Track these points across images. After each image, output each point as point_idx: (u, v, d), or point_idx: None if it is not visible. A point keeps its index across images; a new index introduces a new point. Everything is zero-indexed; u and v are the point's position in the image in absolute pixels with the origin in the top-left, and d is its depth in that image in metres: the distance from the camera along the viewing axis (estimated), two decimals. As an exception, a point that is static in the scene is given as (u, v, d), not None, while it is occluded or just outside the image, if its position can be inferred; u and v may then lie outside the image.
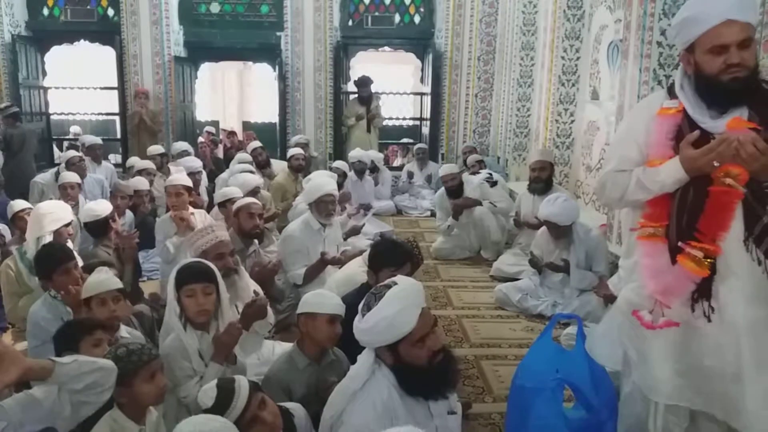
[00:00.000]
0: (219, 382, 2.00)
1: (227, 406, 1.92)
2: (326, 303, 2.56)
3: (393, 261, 2.86)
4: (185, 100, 9.06)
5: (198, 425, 1.72)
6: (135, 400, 2.00)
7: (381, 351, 1.87)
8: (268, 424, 1.99)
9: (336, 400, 1.92)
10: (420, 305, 1.86)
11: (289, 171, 6.45)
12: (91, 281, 2.72)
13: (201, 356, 2.46)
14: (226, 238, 3.16)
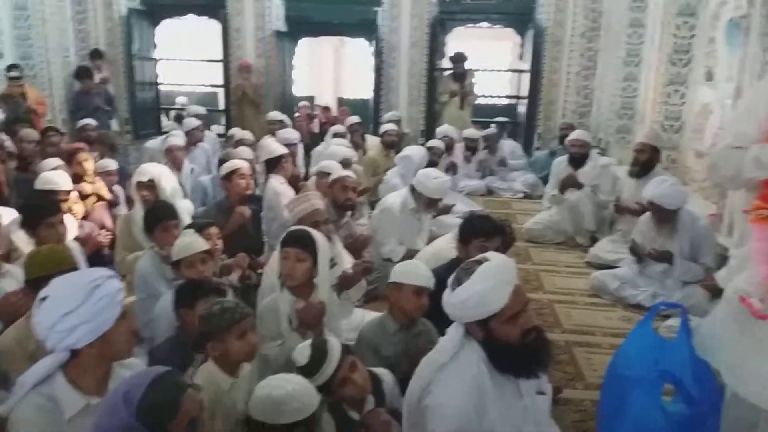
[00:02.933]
0: (313, 341, 2.06)
1: (319, 366, 1.97)
2: (414, 274, 2.58)
3: (484, 231, 2.83)
4: (284, 75, 9.29)
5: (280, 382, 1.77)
6: (227, 355, 2.09)
7: (471, 326, 1.84)
8: (358, 386, 2.03)
9: (424, 371, 1.91)
10: (512, 282, 1.81)
11: (382, 146, 6.49)
12: (178, 244, 2.87)
13: (290, 321, 2.54)
14: (320, 207, 3.25)
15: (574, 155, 5.61)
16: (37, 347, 2.32)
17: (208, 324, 2.08)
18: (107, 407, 1.25)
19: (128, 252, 3.78)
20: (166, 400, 1.27)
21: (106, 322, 1.67)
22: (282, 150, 4.73)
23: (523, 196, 7.40)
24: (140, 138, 8.51)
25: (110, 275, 1.74)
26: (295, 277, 2.57)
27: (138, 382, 1.28)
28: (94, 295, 1.66)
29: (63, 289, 1.70)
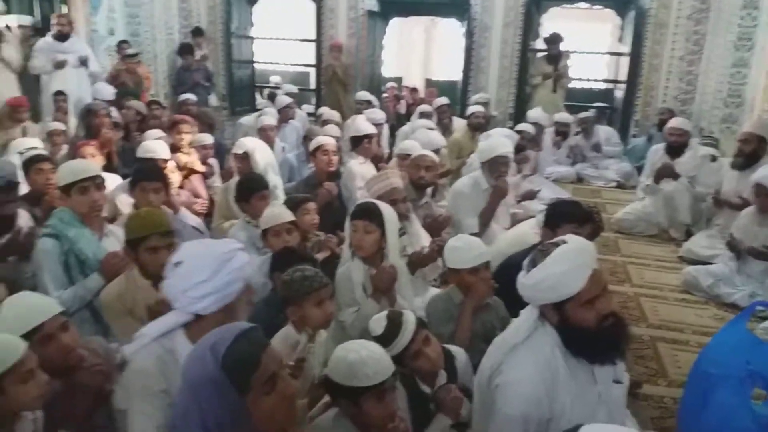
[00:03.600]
0: (389, 313, 2.09)
1: (394, 336, 2.01)
2: (463, 257, 2.57)
3: (575, 218, 2.74)
4: (374, 55, 9.35)
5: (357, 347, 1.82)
6: (305, 321, 2.18)
7: (545, 309, 1.80)
8: (431, 360, 2.06)
9: (495, 351, 1.90)
10: (590, 266, 1.74)
11: (468, 129, 6.41)
12: (266, 214, 2.99)
13: (364, 289, 2.61)
14: (399, 185, 3.28)
15: (672, 144, 5.32)
16: (134, 304, 2.51)
17: (289, 289, 2.18)
18: (195, 358, 1.34)
19: (225, 220, 3.98)
20: (248, 354, 1.34)
21: (232, 293, 1.78)
22: (368, 129, 4.78)
23: (615, 186, 7.10)
24: (235, 114, 8.86)
25: (240, 247, 1.83)
26: (364, 248, 2.65)
27: (224, 336, 1.36)
28: (225, 268, 1.76)
29: (196, 258, 1.79)
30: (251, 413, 1.33)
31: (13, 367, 1.64)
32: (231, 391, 1.30)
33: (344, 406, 1.81)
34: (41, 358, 1.82)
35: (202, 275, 1.75)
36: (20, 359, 1.66)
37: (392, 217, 2.75)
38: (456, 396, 2.08)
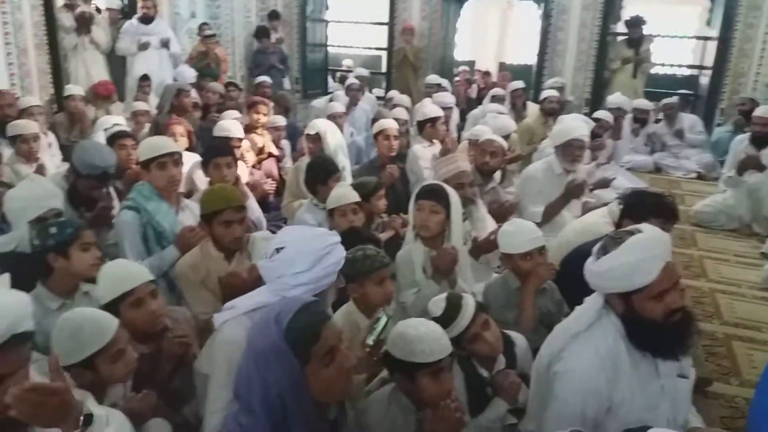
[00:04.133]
0: (448, 295, 2.11)
1: (453, 318, 2.03)
2: (515, 243, 2.55)
3: (660, 212, 2.60)
4: (446, 38, 9.25)
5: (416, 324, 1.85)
6: (365, 298, 2.23)
7: (612, 298, 1.76)
8: (489, 344, 2.06)
9: (556, 338, 1.87)
10: (664, 258, 1.68)
11: (540, 114, 6.26)
12: (333, 195, 3.05)
13: (425, 271, 2.63)
14: (467, 169, 3.27)
15: (758, 134, 5.00)
16: (206, 275, 2.63)
17: (351, 267, 2.22)
18: (260, 327, 1.41)
19: (294, 199, 4.09)
20: (309, 327, 1.39)
21: (324, 285, 1.86)
22: (434, 113, 4.76)
23: (695, 177, 6.77)
24: (308, 97, 9.01)
25: (338, 241, 1.90)
26: (429, 228, 2.66)
27: (288, 307, 1.42)
28: (322, 262, 1.82)
29: (300, 247, 1.84)
30: (310, 383, 1.37)
31: (106, 347, 1.74)
32: (292, 360, 1.36)
33: (400, 381, 1.85)
34: (131, 322, 1.98)
35: (301, 266, 1.80)
36: (112, 339, 1.76)
37: (457, 200, 2.76)
38: (514, 381, 2.08)
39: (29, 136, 4.05)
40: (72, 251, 2.29)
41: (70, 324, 1.76)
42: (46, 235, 2.28)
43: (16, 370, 1.27)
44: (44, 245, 2.27)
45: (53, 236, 2.27)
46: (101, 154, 2.97)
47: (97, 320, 1.79)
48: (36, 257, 2.30)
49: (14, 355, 1.27)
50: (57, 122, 5.36)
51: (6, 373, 1.25)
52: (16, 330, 1.27)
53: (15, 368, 1.27)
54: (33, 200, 2.64)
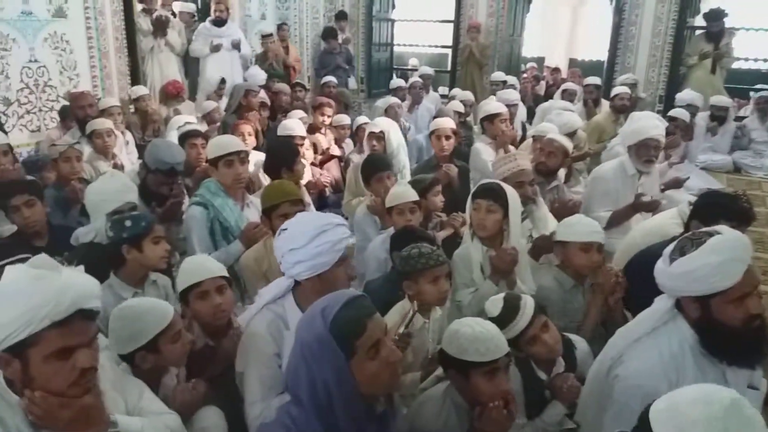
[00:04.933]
0: (507, 296, 2.08)
1: (511, 320, 2.00)
2: (578, 231, 2.50)
3: (732, 215, 2.48)
4: (514, 34, 9.10)
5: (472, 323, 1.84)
6: (420, 296, 2.22)
7: (686, 302, 1.69)
8: (548, 346, 2.02)
9: (619, 341, 1.82)
10: (746, 261, 1.61)
11: (611, 111, 6.06)
12: (391, 193, 3.05)
13: (482, 270, 2.61)
14: (527, 167, 3.21)
15: None
16: (269, 268, 2.71)
17: (405, 264, 2.24)
18: (307, 319, 1.44)
19: (354, 197, 4.14)
20: (355, 320, 1.41)
21: (323, 264, 1.88)
22: (496, 109, 4.69)
23: (777, 177, 6.38)
24: (372, 96, 9.09)
25: (339, 223, 1.92)
26: (486, 228, 2.64)
27: (335, 301, 1.44)
28: (317, 239, 1.86)
29: (297, 226, 1.93)
30: (356, 376, 1.40)
31: (166, 328, 1.88)
32: (337, 353, 1.38)
33: (455, 379, 1.84)
34: (196, 313, 2.14)
35: (296, 243, 1.87)
36: (172, 321, 1.89)
37: (516, 199, 2.71)
38: (573, 385, 2.03)
39: (103, 132, 4.30)
40: (144, 244, 2.42)
41: (133, 311, 1.89)
42: (121, 227, 2.42)
43: (82, 343, 1.35)
44: (119, 237, 2.41)
45: (128, 229, 2.41)
46: (170, 150, 3.11)
47: (156, 305, 1.94)
48: (110, 248, 2.44)
49: (79, 329, 1.35)
50: (132, 122, 5.63)
51: (73, 344, 1.33)
52: (81, 305, 1.35)
53: (81, 342, 1.35)
54: (111, 194, 2.79)
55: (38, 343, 1.30)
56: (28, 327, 1.28)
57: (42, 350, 1.30)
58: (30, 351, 1.31)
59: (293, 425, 1.38)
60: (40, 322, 1.29)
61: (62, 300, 1.31)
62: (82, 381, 1.35)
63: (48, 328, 1.30)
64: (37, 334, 1.29)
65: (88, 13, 5.64)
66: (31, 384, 1.32)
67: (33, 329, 1.29)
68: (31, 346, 1.30)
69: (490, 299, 2.11)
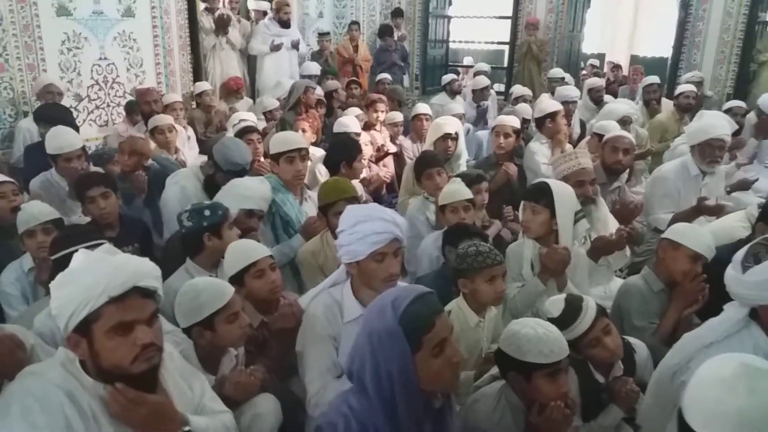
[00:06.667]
0: (568, 297, 2.05)
1: (572, 321, 1.97)
2: (696, 238, 2.39)
3: None
4: (574, 30, 8.91)
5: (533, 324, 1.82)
6: (475, 295, 2.22)
7: (765, 310, 1.62)
8: (609, 350, 1.98)
9: (686, 347, 1.77)
10: None
11: (675, 110, 5.85)
12: (445, 190, 3.04)
13: (533, 267, 2.59)
14: (588, 166, 3.14)
15: None
16: (325, 262, 2.76)
17: (462, 262, 2.24)
18: (376, 310, 1.47)
19: (410, 196, 4.14)
20: (424, 315, 1.42)
21: (356, 253, 1.94)
22: (552, 107, 4.61)
23: None
24: (426, 93, 9.06)
25: (382, 217, 1.95)
26: (531, 229, 2.64)
27: (406, 294, 1.46)
28: (353, 228, 1.93)
29: (347, 211, 2.02)
30: (418, 370, 1.41)
31: (223, 308, 1.96)
32: (404, 345, 1.40)
33: (514, 380, 1.83)
34: (253, 291, 2.24)
35: (341, 226, 1.97)
36: (229, 302, 1.97)
37: (567, 199, 2.65)
38: (632, 389, 1.99)
39: (164, 127, 4.46)
40: (223, 231, 2.52)
41: (193, 289, 1.99)
42: (201, 216, 2.53)
43: (140, 319, 1.42)
44: (198, 226, 2.52)
45: (207, 218, 2.53)
46: (241, 152, 3.21)
47: (216, 285, 2.02)
48: (189, 236, 2.55)
49: (136, 305, 1.42)
50: (195, 117, 5.81)
51: (130, 319, 1.40)
52: (137, 282, 1.42)
53: (138, 317, 1.42)
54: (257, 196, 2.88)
55: (99, 319, 1.38)
56: (88, 303, 1.37)
57: (103, 325, 1.38)
58: (93, 327, 1.39)
59: (351, 414, 1.41)
60: (98, 297, 1.37)
61: (118, 276, 1.40)
62: (144, 356, 1.41)
63: (106, 303, 1.38)
64: (97, 310, 1.37)
65: (154, 13, 5.85)
66: (98, 361, 1.40)
67: (93, 305, 1.37)
68: (93, 322, 1.38)
69: (550, 299, 2.08)
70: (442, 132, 4.10)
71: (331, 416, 1.45)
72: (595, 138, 4.27)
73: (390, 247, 1.95)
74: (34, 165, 3.75)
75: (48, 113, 4.09)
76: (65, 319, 1.39)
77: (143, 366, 1.41)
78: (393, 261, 1.97)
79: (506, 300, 2.55)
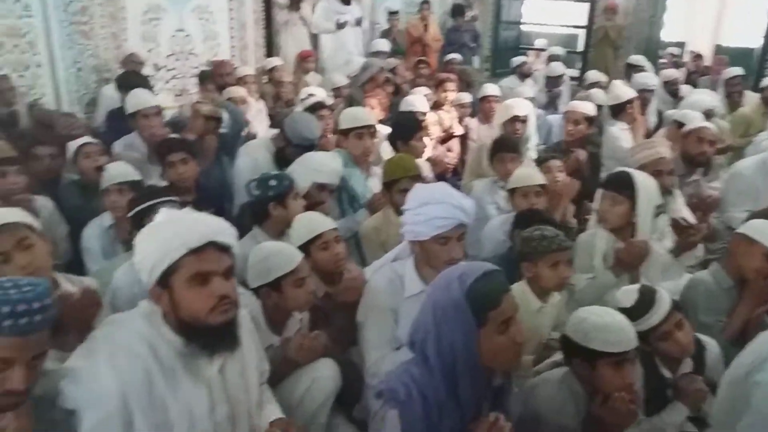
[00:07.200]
0: (642, 288, 1.99)
1: (644, 313, 1.92)
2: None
3: None
4: (654, 16, 8.53)
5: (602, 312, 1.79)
6: (538, 280, 2.20)
7: None
8: (680, 345, 1.93)
9: (761, 346, 1.70)
10: None
11: (761, 103, 5.53)
12: (516, 174, 2.99)
13: (605, 259, 2.53)
14: (666, 155, 3.03)
15: None
16: (387, 238, 2.79)
17: (526, 246, 2.22)
18: (443, 282, 1.48)
19: (475, 177, 4.10)
20: (491, 292, 1.43)
21: (420, 234, 1.96)
22: (629, 95, 4.43)
23: None
24: (496, 76, 8.87)
25: (446, 201, 1.94)
26: (609, 220, 2.56)
27: (473, 270, 1.47)
28: (419, 209, 1.96)
29: (415, 191, 2.06)
30: (481, 346, 1.42)
31: (291, 272, 2.02)
32: (469, 319, 1.40)
33: (578, 367, 1.80)
34: (319, 262, 2.30)
35: (408, 205, 2.00)
36: (297, 267, 2.04)
37: (650, 190, 2.56)
38: (700, 388, 1.93)
39: (237, 99, 4.56)
40: (287, 201, 2.59)
41: (264, 251, 2.07)
42: (267, 186, 2.61)
43: (216, 271, 1.47)
44: (265, 195, 2.61)
45: (273, 188, 2.60)
46: (311, 127, 3.27)
47: (285, 249, 2.10)
48: (256, 204, 2.65)
49: (213, 257, 1.47)
50: (265, 92, 5.91)
51: (207, 270, 1.46)
52: (213, 237, 1.47)
53: (215, 269, 1.47)
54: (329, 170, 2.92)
55: (178, 270, 1.44)
56: (168, 255, 1.43)
57: (182, 276, 1.44)
58: (173, 278, 1.45)
59: (413, 384, 1.43)
60: (177, 249, 1.43)
61: (196, 230, 1.46)
62: (220, 308, 1.46)
63: (185, 255, 1.43)
64: (176, 262, 1.43)
65: (230, -13, 5.98)
66: (178, 313, 1.46)
67: (173, 257, 1.43)
68: (173, 273, 1.45)
69: (623, 289, 2.03)
70: (511, 114, 4.01)
71: (392, 383, 1.47)
72: (674, 127, 4.08)
73: (454, 232, 1.96)
74: (115, 129, 3.92)
75: (128, 80, 4.26)
76: (148, 271, 1.46)
77: (219, 318, 1.46)
78: (456, 245, 1.97)
79: (573, 291, 2.50)
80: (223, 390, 1.54)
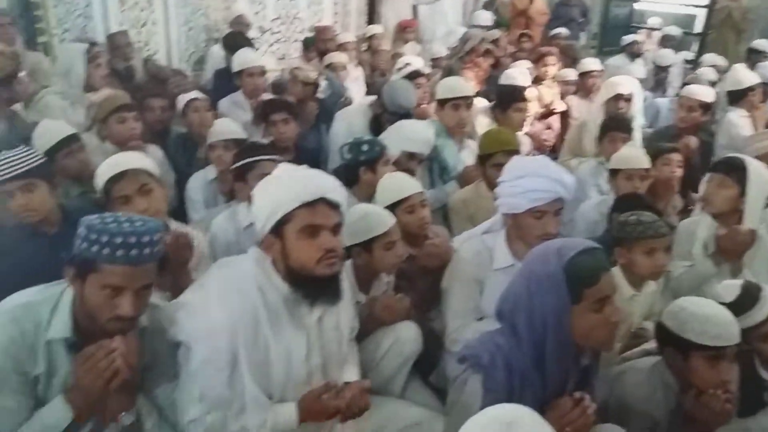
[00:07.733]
0: (746, 283, 1.90)
1: (747, 309, 1.82)
2: None
3: None
4: (786, -3, 7.79)
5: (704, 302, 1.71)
6: (632, 266, 2.11)
7: None
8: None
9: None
10: None
11: None
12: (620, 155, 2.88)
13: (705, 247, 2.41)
14: None
15: None
16: (475, 212, 2.76)
17: (621, 230, 2.14)
18: (540, 254, 1.46)
19: (573, 156, 3.97)
20: (590, 268, 1.40)
21: (515, 206, 1.95)
22: (750, 81, 4.09)
23: None
24: (603, 54, 8.43)
25: (545, 174, 1.92)
26: (714, 204, 2.41)
27: (574, 244, 1.45)
28: (516, 181, 1.95)
29: (512, 162, 2.05)
30: (573, 323, 1.39)
31: (383, 235, 2.07)
32: (564, 294, 1.38)
33: (670, 356, 1.73)
34: (404, 225, 2.29)
35: (504, 177, 1.99)
36: (389, 230, 2.08)
37: (764, 178, 2.38)
38: (803, 395, 1.79)
39: (338, 65, 4.66)
40: (378, 167, 2.63)
41: (361, 211, 2.12)
42: (359, 151, 2.66)
43: (326, 225, 1.53)
44: (355, 159, 2.66)
45: (364, 153, 2.65)
46: (407, 95, 3.29)
47: (380, 213, 2.15)
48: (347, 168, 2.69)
49: (323, 212, 1.53)
50: (364, 59, 5.95)
51: (317, 223, 1.53)
52: (324, 194, 1.54)
53: (324, 223, 1.53)
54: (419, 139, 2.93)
55: (291, 221, 1.52)
56: (282, 206, 1.51)
57: (294, 227, 1.52)
58: (285, 228, 1.53)
59: (498, 352, 1.43)
60: (291, 202, 1.50)
61: (309, 185, 1.53)
62: (326, 260, 1.52)
63: (298, 208, 1.50)
64: (289, 213, 1.51)
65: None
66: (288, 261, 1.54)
67: (286, 209, 1.51)
68: (286, 223, 1.52)
69: (724, 283, 1.92)
70: (615, 91, 3.81)
71: (476, 349, 1.47)
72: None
73: (551, 206, 1.92)
74: (221, 88, 4.10)
75: (234, 41, 4.42)
76: (263, 221, 1.54)
77: (326, 270, 1.53)
78: (552, 220, 1.93)
79: (670, 279, 2.39)
80: (319, 339, 1.62)
